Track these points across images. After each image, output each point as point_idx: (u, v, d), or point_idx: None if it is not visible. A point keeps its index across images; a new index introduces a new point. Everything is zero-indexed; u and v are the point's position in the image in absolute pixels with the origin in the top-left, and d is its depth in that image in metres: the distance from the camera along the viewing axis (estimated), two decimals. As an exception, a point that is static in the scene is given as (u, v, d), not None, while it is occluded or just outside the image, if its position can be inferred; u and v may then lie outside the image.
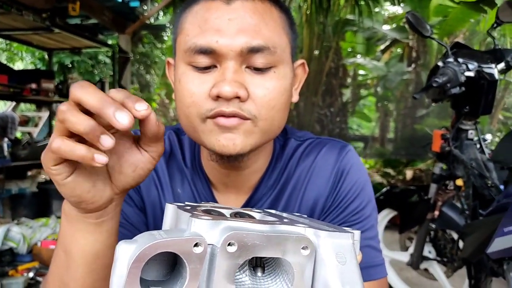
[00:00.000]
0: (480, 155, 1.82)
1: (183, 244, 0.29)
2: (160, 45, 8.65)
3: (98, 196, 0.47)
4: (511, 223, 1.20)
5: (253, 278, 0.34)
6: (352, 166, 0.73)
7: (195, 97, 0.59)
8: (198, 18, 0.59)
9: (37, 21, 3.50)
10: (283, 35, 0.62)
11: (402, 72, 6.68)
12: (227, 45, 0.57)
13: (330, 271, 0.32)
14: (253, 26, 0.58)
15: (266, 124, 0.60)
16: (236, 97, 0.57)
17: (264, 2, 0.61)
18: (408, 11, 1.74)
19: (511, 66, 1.75)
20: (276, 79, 0.60)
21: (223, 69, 0.58)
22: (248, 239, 0.30)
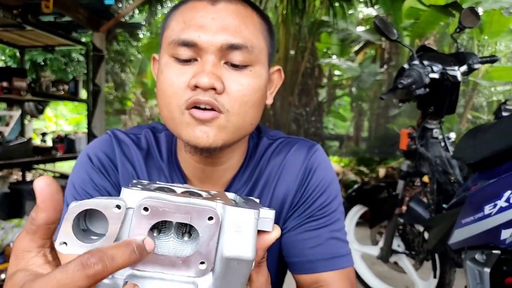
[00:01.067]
0: (445, 153, 1.92)
1: (105, 204, 0.37)
2: (135, 43, 8.55)
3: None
4: (468, 215, 1.28)
5: (176, 241, 0.41)
6: (319, 164, 0.78)
7: (175, 87, 0.63)
8: (184, 15, 0.64)
9: (7, 17, 3.43)
10: (261, 39, 0.67)
11: (375, 73, 6.83)
12: (208, 40, 0.62)
13: (227, 238, 0.39)
14: (234, 26, 0.63)
15: (238, 119, 0.64)
16: (212, 89, 0.61)
17: (246, 7, 0.66)
18: (375, 16, 1.82)
19: (472, 69, 1.85)
20: (252, 77, 0.64)
21: (203, 62, 0.62)
22: (159, 205, 0.37)
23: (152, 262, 0.39)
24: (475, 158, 1.39)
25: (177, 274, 0.39)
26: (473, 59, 1.84)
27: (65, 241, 0.37)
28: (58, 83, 4.53)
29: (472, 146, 1.42)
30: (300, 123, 6.90)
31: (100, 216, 0.38)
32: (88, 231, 0.39)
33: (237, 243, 0.39)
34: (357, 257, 2.54)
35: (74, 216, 0.37)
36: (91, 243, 0.38)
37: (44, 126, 10.63)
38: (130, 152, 0.76)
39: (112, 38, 7.10)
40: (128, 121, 9.28)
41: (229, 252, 0.39)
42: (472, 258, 1.32)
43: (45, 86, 4.33)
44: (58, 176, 5.24)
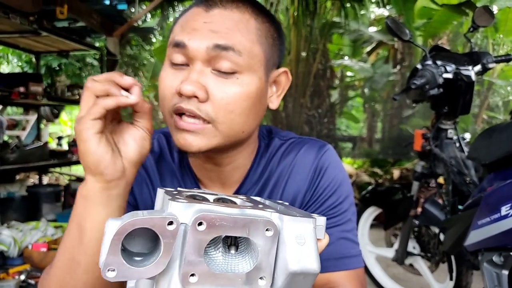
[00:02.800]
0: (459, 153, 1.89)
1: (158, 222, 0.34)
2: (148, 47, 8.64)
3: (113, 161, 0.56)
4: (484, 216, 1.26)
5: (225, 255, 0.38)
6: (330, 164, 0.78)
7: (166, 91, 0.66)
8: (182, 20, 0.67)
9: (24, 24, 3.50)
10: (256, 44, 0.66)
11: (387, 74, 6.78)
12: (196, 44, 0.63)
13: (289, 251, 0.37)
14: (224, 29, 0.64)
15: (225, 128, 0.65)
16: (195, 97, 0.62)
17: (243, 13, 0.66)
18: (387, 16, 1.81)
19: (487, 68, 1.82)
20: (238, 84, 0.64)
21: (190, 69, 0.64)
22: (216, 219, 0.35)
23: (210, 282, 0.36)
24: (490, 158, 1.37)
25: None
26: (487, 58, 1.82)
27: (114, 268, 0.34)
28: (73, 88, 4.61)
29: (487, 146, 1.40)
30: (313, 125, 6.88)
31: (139, 233, 0.35)
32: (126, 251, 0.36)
33: (302, 256, 0.36)
34: (372, 259, 2.52)
35: (123, 238, 0.34)
36: (143, 267, 0.35)
37: (60, 130, 10.78)
38: None
39: (125, 43, 7.18)
40: (142, 125, 9.36)
41: (295, 266, 0.36)
42: (490, 260, 1.30)
43: (61, 90, 4.40)
44: (74, 179, 5.31)
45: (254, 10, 0.68)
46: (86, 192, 0.57)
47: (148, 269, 0.35)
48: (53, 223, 3.50)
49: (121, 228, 0.34)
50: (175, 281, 0.36)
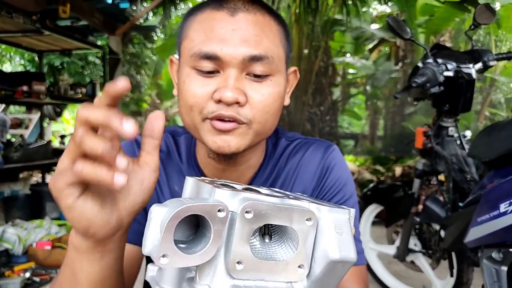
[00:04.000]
0: (460, 151, 1.90)
1: (209, 208, 0.35)
2: (150, 45, 8.66)
3: (106, 220, 0.47)
4: (484, 213, 1.27)
5: (262, 243, 0.39)
6: (336, 163, 0.80)
7: (197, 98, 0.65)
8: (204, 26, 0.65)
9: (27, 23, 3.52)
10: (280, 46, 0.68)
11: (390, 71, 6.78)
12: (230, 53, 0.63)
13: (330, 240, 0.38)
14: (254, 37, 0.64)
15: (259, 127, 0.67)
16: (236, 102, 0.63)
17: (264, 15, 0.67)
18: (388, 15, 1.81)
19: (488, 66, 1.83)
20: (272, 86, 0.66)
21: (226, 75, 0.64)
22: (262, 208, 0.36)
23: (254, 270, 0.36)
24: (491, 156, 1.38)
25: (277, 280, 0.37)
26: (488, 56, 1.82)
27: (166, 253, 0.34)
28: (76, 86, 4.63)
29: (487, 144, 1.41)
30: (314, 123, 6.89)
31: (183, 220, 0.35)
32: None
33: (342, 245, 0.37)
34: (374, 257, 2.53)
35: (176, 224, 0.34)
36: (193, 254, 0.35)
37: (63, 129, 10.82)
38: None
39: (128, 41, 7.20)
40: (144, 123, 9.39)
41: (336, 255, 0.37)
42: (489, 256, 1.31)
43: (63, 89, 4.42)
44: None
45: (269, 12, 0.69)
46: (77, 245, 0.50)
47: (198, 256, 0.35)
48: (57, 221, 3.53)
49: (175, 214, 0.34)
50: (220, 268, 0.36)
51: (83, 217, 0.45)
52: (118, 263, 0.54)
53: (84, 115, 0.42)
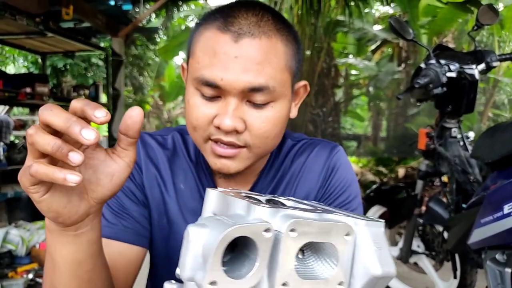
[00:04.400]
0: (463, 152, 1.89)
1: (256, 229, 0.33)
2: (152, 47, 8.68)
3: (74, 211, 0.49)
4: (487, 215, 1.27)
5: (298, 260, 0.37)
6: (341, 164, 0.81)
7: (199, 122, 0.67)
8: (208, 49, 0.65)
9: (30, 25, 3.54)
10: (285, 70, 0.67)
11: (392, 72, 6.77)
12: (230, 83, 0.63)
13: (370, 255, 0.36)
14: (256, 66, 0.63)
15: (259, 150, 0.69)
16: (235, 130, 0.64)
17: (270, 38, 0.64)
18: (390, 16, 1.81)
19: (491, 67, 1.82)
20: (273, 112, 0.67)
21: (226, 103, 0.65)
22: (305, 225, 0.34)
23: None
24: (493, 157, 1.37)
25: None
26: (491, 57, 1.82)
27: (215, 280, 0.32)
28: (79, 88, 4.65)
29: (490, 145, 1.40)
30: (317, 124, 6.88)
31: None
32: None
33: (382, 260, 0.36)
34: (376, 258, 2.52)
35: (223, 248, 0.32)
36: (242, 279, 0.34)
37: (66, 130, 10.85)
38: (155, 154, 0.79)
39: (130, 43, 7.22)
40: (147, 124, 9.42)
41: (379, 271, 0.36)
42: (493, 258, 1.30)
43: (67, 91, 4.44)
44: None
45: (277, 26, 0.66)
46: (49, 229, 0.52)
47: (246, 280, 0.33)
48: (60, 222, 3.54)
49: (224, 237, 0.32)
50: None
51: (50, 210, 0.48)
52: (93, 246, 0.55)
53: (44, 117, 0.43)
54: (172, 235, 0.77)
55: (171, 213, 0.77)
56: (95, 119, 0.44)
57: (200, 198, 0.78)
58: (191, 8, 8.19)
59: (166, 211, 0.77)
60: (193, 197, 0.78)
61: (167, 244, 0.77)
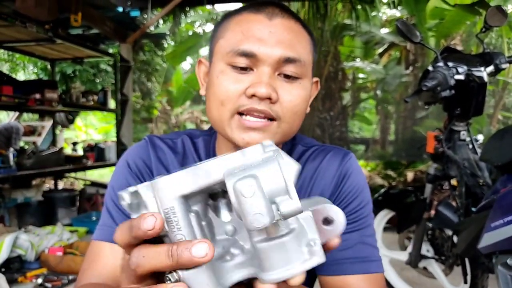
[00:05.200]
0: (472, 155, 1.87)
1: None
2: (160, 53, 8.73)
3: None
4: (498, 218, 1.25)
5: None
6: (353, 171, 0.81)
7: (230, 93, 0.68)
8: (242, 26, 0.69)
9: (40, 32, 3.59)
10: (310, 54, 0.73)
11: (400, 75, 6.74)
12: (266, 52, 0.66)
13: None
14: (289, 41, 0.68)
15: (287, 127, 0.70)
16: (268, 98, 0.66)
17: (298, 24, 0.71)
18: (397, 19, 1.81)
19: (500, 69, 1.80)
20: (301, 89, 0.70)
21: (260, 72, 0.67)
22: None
23: None
24: (503, 160, 1.36)
25: None
26: (500, 58, 1.80)
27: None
28: (88, 94, 4.69)
29: (500, 147, 1.39)
30: (325, 128, 6.86)
31: None
32: None
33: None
34: (386, 263, 2.50)
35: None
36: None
37: (75, 136, 10.95)
38: (165, 157, 0.80)
39: (138, 49, 7.28)
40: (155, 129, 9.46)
41: None
42: (504, 262, 1.28)
43: (75, 97, 4.48)
44: (89, 184, 5.39)
45: (301, 23, 0.73)
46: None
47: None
48: (69, 227, 3.56)
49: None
50: None
51: None
52: None
53: (144, 267, 0.37)
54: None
55: None
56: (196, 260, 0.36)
57: None
58: (198, 13, 8.23)
59: None
60: None
61: None
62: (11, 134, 5.05)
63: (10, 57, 8.26)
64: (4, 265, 2.61)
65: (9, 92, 3.51)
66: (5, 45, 4.26)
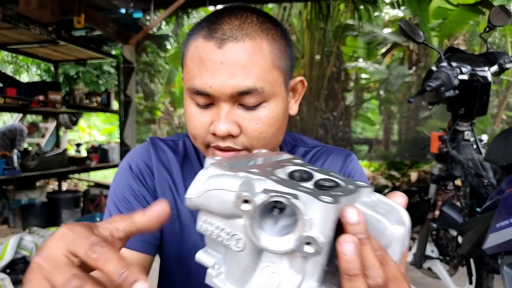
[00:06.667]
0: (477, 155, 1.87)
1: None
2: (163, 54, 8.75)
3: None
4: (503, 219, 1.24)
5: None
6: (356, 172, 0.81)
7: (198, 130, 0.68)
8: (196, 58, 0.66)
9: (43, 34, 3.60)
10: (273, 69, 0.66)
11: (403, 75, 6.72)
12: (219, 89, 0.64)
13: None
14: (242, 70, 0.63)
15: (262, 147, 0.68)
16: (230, 135, 0.65)
17: (254, 39, 0.64)
18: (400, 19, 1.80)
19: (504, 69, 1.80)
20: (266, 113, 0.66)
21: (218, 109, 0.66)
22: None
23: None
24: (508, 160, 1.35)
25: None
26: (504, 58, 1.79)
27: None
28: (91, 95, 4.70)
29: (505, 148, 1.38)
30: (328, 128, 6.86)
31: None
32: None
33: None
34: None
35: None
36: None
37: (78, 137, 10.98)
38: (167, 158, 0.80)
39: (141, 50, 7.30)
40: (158, 130, 9.48)
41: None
42: (510, 263, 1.28)
43: (79, 98, 4.50)
44: (92, 185, 5.40)
45: (262, 26, 0.66)
46: None
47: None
48: (73, 228, 3.56)
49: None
50: None
51: None
52: None
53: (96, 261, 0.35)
54: (183, 239, 0.77)
55: (183, 217, 0.77)
56: None
57: None
58: (200, 15, 8.24)
59: (178, 216, 0.77)
60: None
61: (179, 249, 0.77)
62: (15, 136, 5.07)
63: (14, 59, 8.30)
64: (9, 266, 2.62)
65: (13, 94, 3.53)
66: (8, 47, 4.28)
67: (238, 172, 0.38)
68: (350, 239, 0.33)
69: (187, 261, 0.77)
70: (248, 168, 0.39)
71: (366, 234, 0.34)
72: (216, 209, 0.38)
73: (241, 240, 0.36)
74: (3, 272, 2.59)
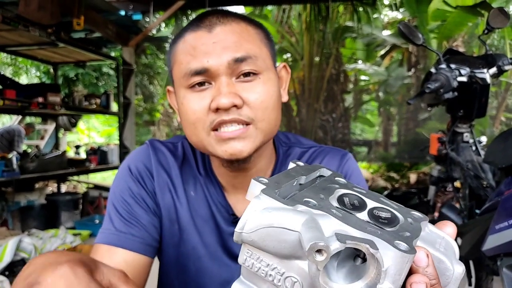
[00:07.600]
0: (476, 157, 1.87)
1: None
2: (162, 56, 8.76)
3: None
4: (502, 220, 1.25)
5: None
6: (353, 171, 0.81)
7: (198, 113, 0.68)
8: (188, 47, 0.69)
9: (42, 36, 3.60)
10: (262, 46, 0.71)
11: (402, 77, 6.73)
12: (216, 62, 0.66)
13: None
14: (234, 43, 0.67)
15: (265, 125, 0.69)
16: (233, 106, 0.66)
17: (239, 23, 0.70)
18: (399, 21, 1.81)
19: (503, 70, 1.80)
20: (264, 83, 0.69)
21: (218, 84, 0.67)
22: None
23: None
24: (507, 161, 1.35)
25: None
26: (503, 60, 1.80)
27: None
28: (90, 97, 4.70)
29: (504, 149, 1.38)
30: (327, 130, 6.86)
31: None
32: None
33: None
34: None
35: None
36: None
37: (77, 139, 10.97)
38: (167, 161, 0.80)
39: (141, 52, 7.30)
40: (157, 132, 9.48)
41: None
42: (509, 265, 1.28)
43: (78, 100, 4.49)
44: (91, 187, 5.40)
45: (243, 19, 0.72)
46: None
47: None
48: (72, 230, 3.56)
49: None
50: None
51: None
52: None
53: None
54: (182, 242, 0.77)
55: (182, 220, 0.77)
56: None
57: (209, 206, 0.78)
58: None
59: (177, 218, 0.77)
60: (204, 204, 0.77)
61: (177, 251, 0.77)
62: (13, 137, 5.07)
63: (13, 61, 8.30)
64: (7, 269, 2.61)
65: (12, 95, 3.52)
66: (8, 49, 4.28)
67: (296, 204, 0.34)
68: (421, 279, 0.30)
69: (186, 263, 0.77)
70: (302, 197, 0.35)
71: (437, 278, 0.31)
72: (271, 248, 0.33)
73: (298, 283, 0.32)
74: (2, 274, 2.58)
